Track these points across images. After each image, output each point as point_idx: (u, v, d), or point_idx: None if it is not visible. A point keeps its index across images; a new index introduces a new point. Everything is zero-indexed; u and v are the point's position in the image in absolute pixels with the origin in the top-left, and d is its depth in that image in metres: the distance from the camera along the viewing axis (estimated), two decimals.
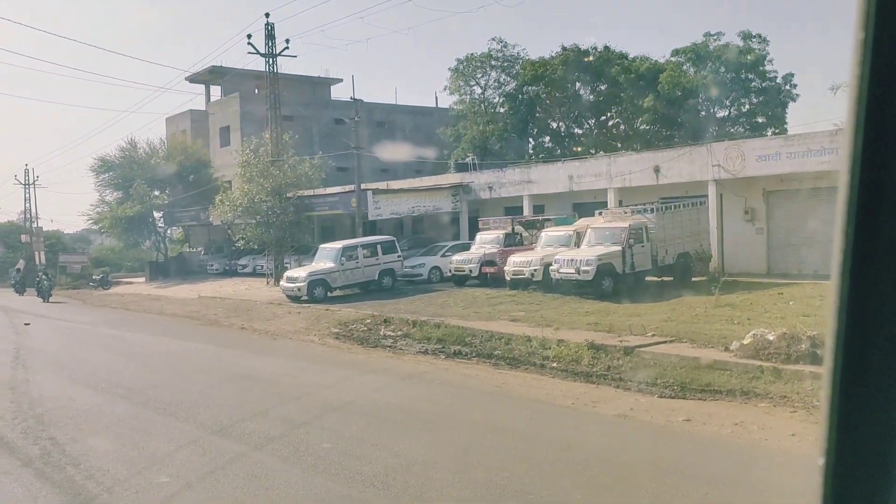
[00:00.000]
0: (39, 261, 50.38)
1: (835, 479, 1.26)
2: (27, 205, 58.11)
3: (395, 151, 42.55)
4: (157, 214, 44.58)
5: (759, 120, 41.67)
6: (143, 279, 44.17)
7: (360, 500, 6.63)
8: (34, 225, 57.08)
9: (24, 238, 54.96)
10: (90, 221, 46.07)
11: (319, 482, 7.13)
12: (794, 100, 41.52)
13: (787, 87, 41.18)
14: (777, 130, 39.13)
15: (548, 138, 46.75)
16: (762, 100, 41.18)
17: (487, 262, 24.25)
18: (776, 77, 41.03)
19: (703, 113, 41.60)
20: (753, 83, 40.98)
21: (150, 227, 44.50)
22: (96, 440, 8.98)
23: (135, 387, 12.26)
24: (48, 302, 33.39)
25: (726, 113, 42.50)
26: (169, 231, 48.31)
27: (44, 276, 36.15)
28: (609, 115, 45.60)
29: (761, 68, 40.52)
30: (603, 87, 43.85)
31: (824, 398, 1.28)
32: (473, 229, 29.06)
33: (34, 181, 56.28)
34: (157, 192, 43.46)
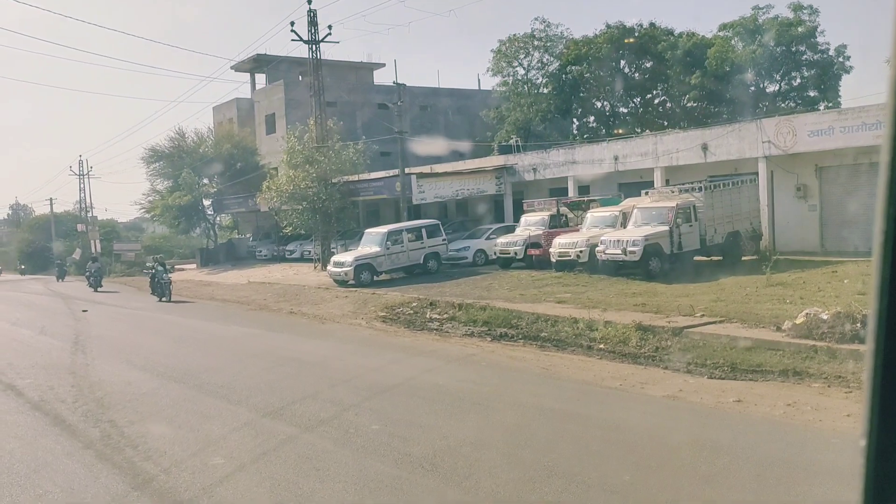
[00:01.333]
0: (95, 249, 51.86)
1: (877, 460, 1.25)
2: (82, 195, 59.75)
3: (438, 147, 42.55)
4: (206, 202, 45.38)
5: (811, 94, 40.46)
6: (194, 266, 45.11)
7: (410, 480, 6.71)
8: (89, 214, 58.67)
9: (80, 227, 56.60)
10: (142, 210, 47.21)
11: (369, 463, 7.24)
12: (847, 72, 40.18)
13: (840, 59, 39.86)
14: (830, 104, 37.98)
15: (592, 118, 46.17)
16: (814, 73, 39.95)
17: (532, 244, 24.15)
18: (828, 49, 39.77)
19: (753, 88, 40.57)
20: (805, 56, 39.78)
21: (199, 215, 45.35)
22: (153, 423, 9.25)
23: (189, 371, 12.56)
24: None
25: (776, 88, 41.36)
26: (218, 218, 49.15)
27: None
28: (655, 93, 44.80)
29: (812, 40, 39.29)
30: (648, 65, 43.09)
31: (866, 379, 1.26)
32: (518, 211, 28.95)
33: (88, 171, 57.75)
34: (205, 181, 44.23)
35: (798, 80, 40.77)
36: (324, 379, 11.45)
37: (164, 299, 26.24)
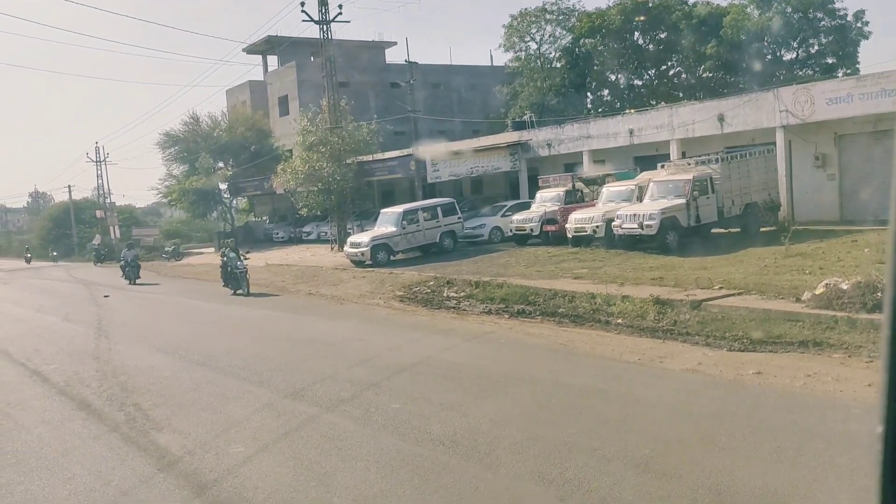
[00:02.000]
0: (114, 235, 52.32)
1: (894, 447, 1.23)
2: (99, 181, 60.16)
3: (451, 115, 42.42)
4: (222, 186, 45.57)
5: (829, 61, 39.84)
6: (212, 249, 45.40)
7: (431, 458, 6.78)
8: (107, 200, 59.11)
9: (98, 213, 57.07)
10: (159, 195, 47.48)
11: (390, 442, 7.32)
12: (866, 38, 39.50)
13: (859, 24, 39.17)
14: (849, 71, 37.40)
15: (606, 92, 45.78)
16: (832, 39, 39.31)
17: (548, 220, 24.07)
18: (846, 15, 39.07)
19: (770, 57, 39.99)
20: (822, 22, 39.13)
21: (216, 199, 45.54)
22: (177, 405, 9.38)
23: (211, 353, 12.71)
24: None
25: (794, 55, 40.76)
26: (234, 201, 49.36)
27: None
28: (670, 64, 44.29)
29: (830, 6, 38.62)
30: (663, 36, 42.57)
31: (883, 366, 1.24)
32: (533, 188, 28.83)
33: (105, 158, 58.08)
34: (221, 164, 44.38)
35: (815, 48, 40.16)
36: (343, 359, 11.54)
37: (239, 292, 21.70)
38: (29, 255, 56.37)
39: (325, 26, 32.65)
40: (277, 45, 48.28)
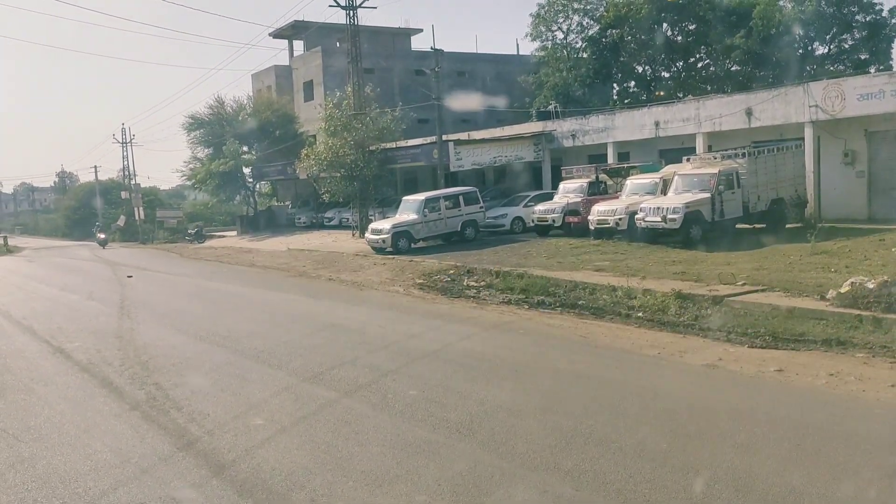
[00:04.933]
0: (139, 216, 52.84)
1: None
2: (125, 162, 60.75)
3: (475, 102, 42.26)
4: (246, 170, 45.78)
5: (862, 57, 39.14)
6: (234, 233, 45.75)
7: (447, 446, 6.79)
8: (132, 182, 59.67)
9: (123, 195, 57.65)
10: (184, 178, 47.78)
11: (407, 428, 7.34)
12: None
13: (894, 20, 38.43)
14: (882, 67, 36.74)
15: (632, 83, 45.35)
16: (865, 35, 38.60)
17: (571, 211, 23.96)
18: (881, 10, 38.34)
19: (800, 51, 39.36)
20: (856, 17, 38.42)
21: (239, 182, 45.79)
22: (197, 386, 9.47)
23: (231, 335, 12.80)
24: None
25: (825, 50, 40.09)
26: (258, 185, 49.60)
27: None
28: (698, 56, 43.75)
29: (865, 1, 37.91)
30: (691, 27, 42.05)
31: None
32: (556, 178, 28.68)
33: (131, 140, 58.59)
34: (245, 148, 44.58)
35: (849, 43, 39.45)
36: (362, 345, 11.58)
37: None
38: (103, 237, 48.47)
39: (351, 12, 32.65)
40: (304, 30, 48.35)
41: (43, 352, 12.38)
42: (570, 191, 24.91)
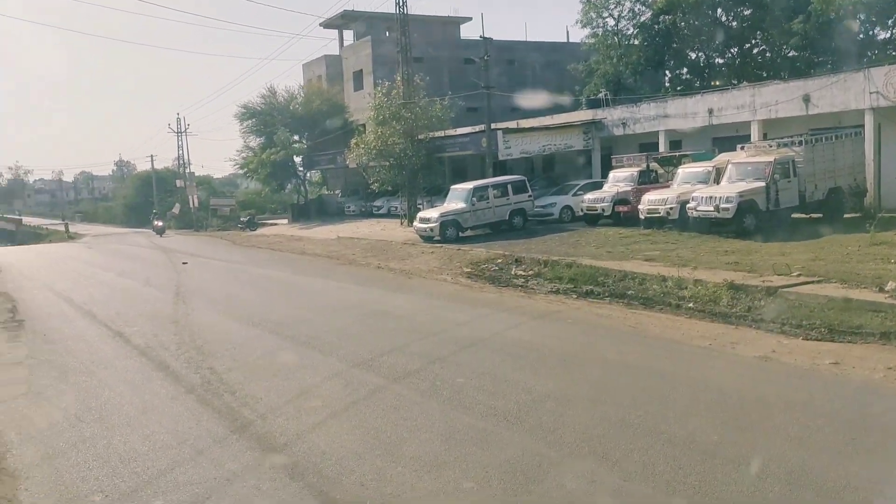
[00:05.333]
0: (193, 204, 53.98)
1: None
2: (180, 152, 62.11)
3: (525, 93, 41.99)
4: (297, 159, 46.32)
5: None
6: (285, 221, 46.39)
7: (495, 433, 6.83)
8: (187, 170, 60.95)
9: (178, 183, 58.95)
10: (236, 166, 48.57)
11: (455, 415, 7.40)
12: None
13: None
14: None
15: (685, 70, 44.42)
16: None
17: (620, 200, 23.70)
18: None
19: (861, 36, 38.05)
20: None
21: (291, 171, 46.37)
22: (250, 370, 9.68)
23: (282, 322, 13.04)
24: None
25: (888, 35, 38.68)
26: (308, 174, 50.16)
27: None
28: (753, 42, 42.63)
29: None
30: (747, 13, 40.99)
31: None
32: (606, 167, 28.37)
33: (185, 129, 59.77)
34: (296, 137, 45.10)
35: None
36: (411, 332, 11.68)
37: None
38: (161, 225, 48.22)
39: (401, 1, 32.70)
40: (353, 20, 48.62)
41: (103, 335, 12.78)
42: (620, 179, 24.63)
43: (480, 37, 33.66)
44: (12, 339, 12.98)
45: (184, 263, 25.23)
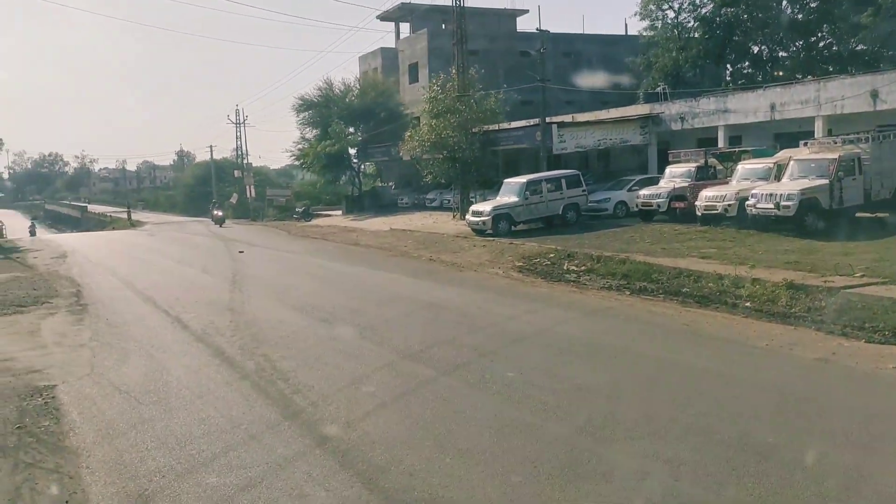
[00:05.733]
0: (250, 194, 54.94)
1: None
2: (238, 142, 63.22)
3: (581, 83, 41.58)
4: (351, 151, 46.71)
5: None
6: (339, 212, 46.85)
7: (544, 428, 6.80)
8: (245, 161, 62.02)
9: (236, 174, 60.05)
10: (292, 158, 49.20)
11: (504, 409, 7.39)
12: None
13: None
14: None
15: (747, 64, 43.36)
16: None
17: (677, 196, 23.29)
18: None
19: None
20: None
21: (345, 163, 46.79)
22: (302, 359, 9.83)
23: (335, 311, 13.20)
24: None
25: None
26: (363, 166, 50.55)
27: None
28: (820, 35, 41.35)
29: None
30: (813, 5, 39.77)
31: None
32: (662, 162, 27.90)
33: (244, 120, 60.81)
34: (351, 129, 45.48)
35: None
36: (461, 325, 11.70)
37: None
38: (220, 214, 47.50)
39: None
40: (410, 13, 48.80)
41: (162, 320, 13.14)
42: (676, 175, 24.20)
43: (537, 29, 33.47)
44: (77, 321, 13.44)
45: (240, 252, 25.72)
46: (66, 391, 8.78)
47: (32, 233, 50.95)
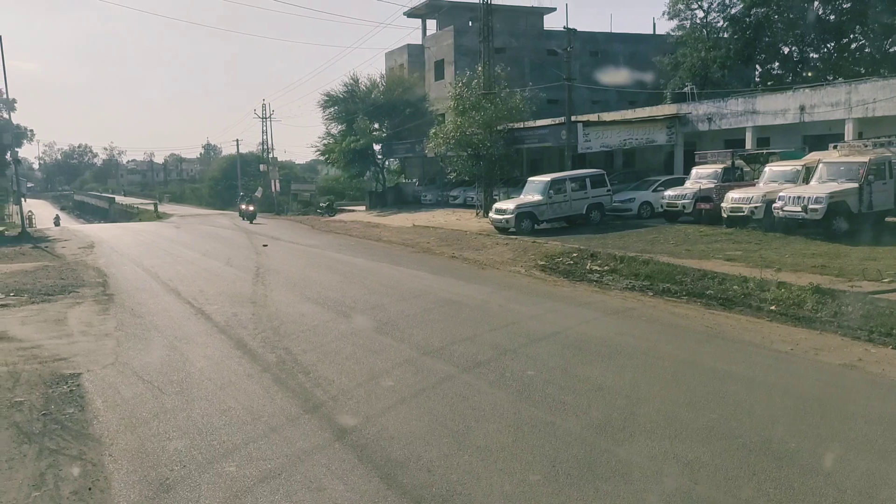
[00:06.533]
0: (274, 188, 55.32)
1: None
2: (264, 137, 64.00)
3: (607, 81, 41.33)
4: (376, 147, 46.88)
5: None
6: (363, 208, 47.05)
7: (563, 428, 6.78)
8: (270, 155, 62.46)
9: (262, 168, 60.51)
10: (317, 153, 49.49)
11: (524, 407, 7.38)
12: None
13: None
14: None
15: (776, 65, 42.86)
16: None
17: (703, 197, 23.10)
18: None
19: None
20: None
21: (370, 159, 46.97)
22: (323, 352, 9.88)
23: (356, 306, 13.25)
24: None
25: None
26: (387, 162, 50.71)
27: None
28: (852, 36, 40.74)
29: None
30: (846, 5, 39.19)
31: None
32: (689, 163, 27.69)
33: (270, 115, 61.25)
34: (375, 125, 45.62)
35: None
36: (482, 323, 11.69)
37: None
38: (252, 209, 44.17)
39: None
40: (437, 9, 48.79)
41: (186, 312, 13.27)
42: (702, 176, 24.00)
43: (564, 27, 33.32)
44: (102, 311, 13.62)
45: (264, 246, 25.91)
46: (91, 379, 8.90)
47: (57, 223, 51.90)
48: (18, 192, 38.59)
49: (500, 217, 24.91)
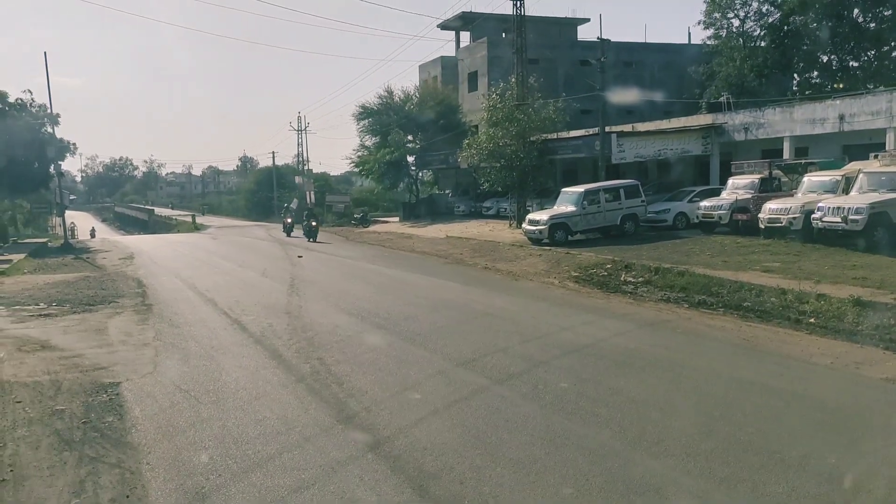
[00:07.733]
0: (310, 200, 55.80)
1: None
2: (300, 149, 64.68)
3: (640, 94, 41.08)
4: (409, 158, 47.10)
5: None
6: (396, 219, 47.22)
7: (597, 441, 6.73)
8: (306, 167, 63.11)
9: (297, 179, 61.15)
10: (352, 164, 49.84)
11: (556, 420, 7.34)
12: None
13: None
14: None
15: (815, 73, 42.21)
16: None
17: (739, 208, 22.79)
18: None
19: None
20: None
21: (403, 171, 47.20)
22: (357, 363, 9.94)
23: (390, 317, 13.30)
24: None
25: None
26: (420, 174, 50.88)
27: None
28: (893, 44, 40.00)
29: None
30: (887, 13, 38.50)
31: None
32: (725, 174, 27.35)
33: (305, 127, 61.91)
34: (409, 137, 45.86)
35: None
36: (515, 334, 11.66)
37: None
38: (290, 221, 42.00)
39: (518, 2, 32.66)
40: (471, 22, 48.96)
41: (222, 322, 13.44)
42: (739, 187, 23.69)
43: (598, 38, 33.18)
44: (141, 321, 13.86)
45: (299, 257, 26.15)
46: (130, 388, 9.06)
47: (93, 235, 53.53)
48: (62, 205, 39.43)
49: (534, 228, 24.85)
